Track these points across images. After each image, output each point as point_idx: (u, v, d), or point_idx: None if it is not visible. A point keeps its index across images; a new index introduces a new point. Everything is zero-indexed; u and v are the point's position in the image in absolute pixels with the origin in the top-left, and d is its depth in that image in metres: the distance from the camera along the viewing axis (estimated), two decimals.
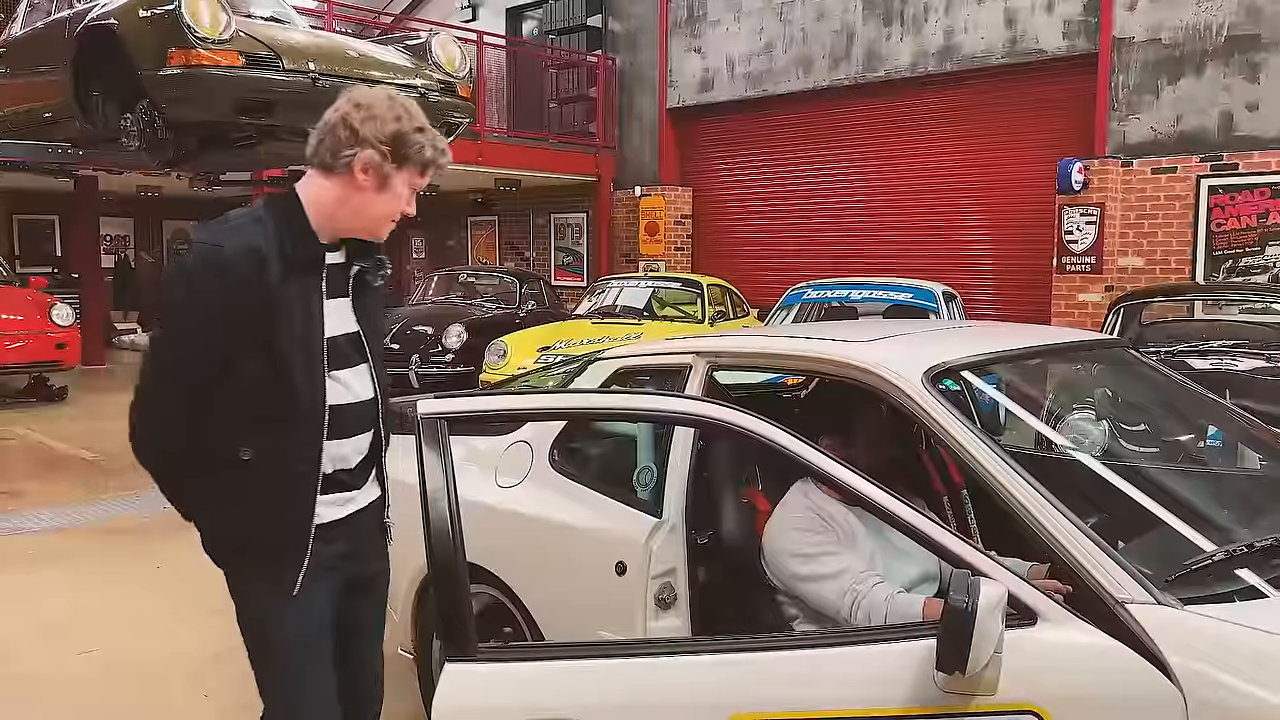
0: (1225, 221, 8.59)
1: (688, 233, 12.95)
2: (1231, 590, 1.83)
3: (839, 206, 11.56)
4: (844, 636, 1.91)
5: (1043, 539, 1.81)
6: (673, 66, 12.82)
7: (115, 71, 6.01)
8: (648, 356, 2.93)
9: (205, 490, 2.03)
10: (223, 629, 4.21)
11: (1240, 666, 1.59)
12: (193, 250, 1.95)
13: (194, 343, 1.94)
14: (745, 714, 1.68)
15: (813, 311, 8.20)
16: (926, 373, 2.15)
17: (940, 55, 10.33)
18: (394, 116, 1.97)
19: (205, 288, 1.91)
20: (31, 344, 10.11)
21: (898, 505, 1.80)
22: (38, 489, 6.87)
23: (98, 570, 5.10)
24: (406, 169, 2.00)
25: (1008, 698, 1.63)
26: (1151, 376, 2.95)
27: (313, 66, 5.95)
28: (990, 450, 1.94)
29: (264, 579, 2.01)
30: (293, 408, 1.95)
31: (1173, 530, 2.06)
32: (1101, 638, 1.68)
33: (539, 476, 2.82)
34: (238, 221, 1.99)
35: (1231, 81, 8.55)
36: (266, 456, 1.96)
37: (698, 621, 2.46)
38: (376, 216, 2.03)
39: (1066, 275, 9.18)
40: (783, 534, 2.42)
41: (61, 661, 3.93)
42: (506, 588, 2.80)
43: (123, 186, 14.27)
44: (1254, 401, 4.64)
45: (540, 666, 1.78)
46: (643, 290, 10.14)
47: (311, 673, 2.03)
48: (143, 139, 6.01)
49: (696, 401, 2.14)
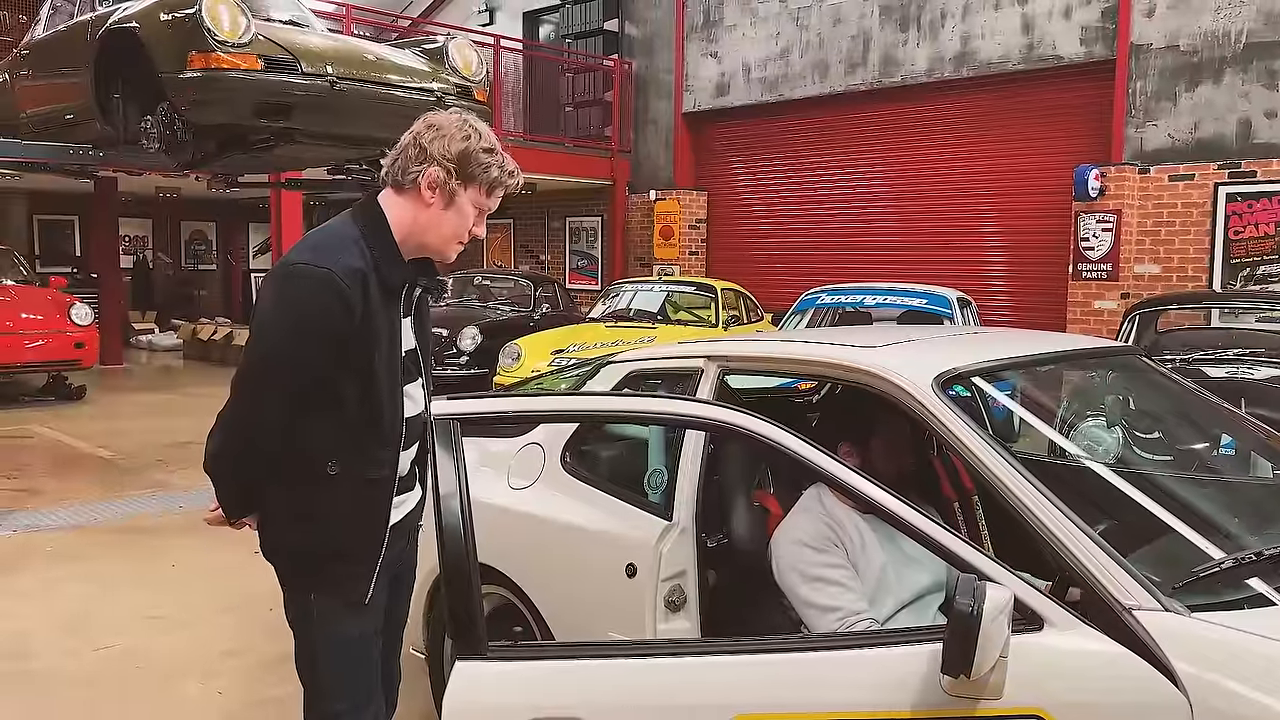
0: (1243, 229, 8.54)
1: (702, 237, 12.96)
2: (1240, 598, 1.83)
3: (854, 212, 11.55)
4: (849, 640, 1.92)
5: (1051, 545, 1.82)
6: (689, 71, 12.84)
7: (136, 74, 6.06)
8: (659, 360, 2.94)
9: (286, 502, 2.06)
10: (236, 626, 4.28)
11: (1247, 674, 1.59)
12: (298, 271, 1.95)
13: (294, 360, 1.96)
14: (749, 715, 1.69)
15: (827, 316, 8.19)
16: (937, 378, 2.15)
17: (957, 61, 10.32)
18: (463, 136, 2.02)
19: (312, 311, 1.93)
20: (50, 343, 10.21)
21: (906, 510, 1.81)
22: (56, 487, 6.94)
23: (114, 568, 5.15)
24: (473, 187, 2.04)
25: (1013, 702, 1.64)
26: (1165, 384, 2.94)
27: (330, 70, 5.99)
28: (999, 456, 1.95)
29: (335, 585, 2.06)
30: (378, 424, 2.02)
31: (1182, 538, 2.06)
32: (1108, 644, 1.69)
33: (551, 478, 2.84)
34: (337, 241, 2.00)
35: (1250, 88, 8.51)
36: (350, 470, 2.02)
37: (707, 624, 2.47)
38: (445, 236, 2.06)
39: (1082, 282, 9.15)
40: (790, 546, 2.42)
41: (78, 658, 3.97)
42: (518, 589, 2.82)
43: (141, 187, 14.41)
44: (1269, 410, 4.61)
45: (549, 666, 1.80)
46: (657, 294, 10.15)
47: (365, 666, 2.12)
48: (163, 141, 6.06)
49: (707, 405, 2.16)
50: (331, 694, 2.09)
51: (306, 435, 2.01)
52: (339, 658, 2.08)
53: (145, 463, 7.69)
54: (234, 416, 2.04)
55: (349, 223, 2.05)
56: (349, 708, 2.09)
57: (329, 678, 2.09)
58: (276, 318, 1.98)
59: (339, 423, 2.01)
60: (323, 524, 2.04)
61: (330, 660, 2.08)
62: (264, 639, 4.03)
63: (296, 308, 1.95)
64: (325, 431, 2.01)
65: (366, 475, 2.04)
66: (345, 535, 2.05)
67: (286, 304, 1.96)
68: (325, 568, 2.06)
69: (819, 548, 2.38)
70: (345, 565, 2.05)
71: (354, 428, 2.01)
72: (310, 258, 1.95)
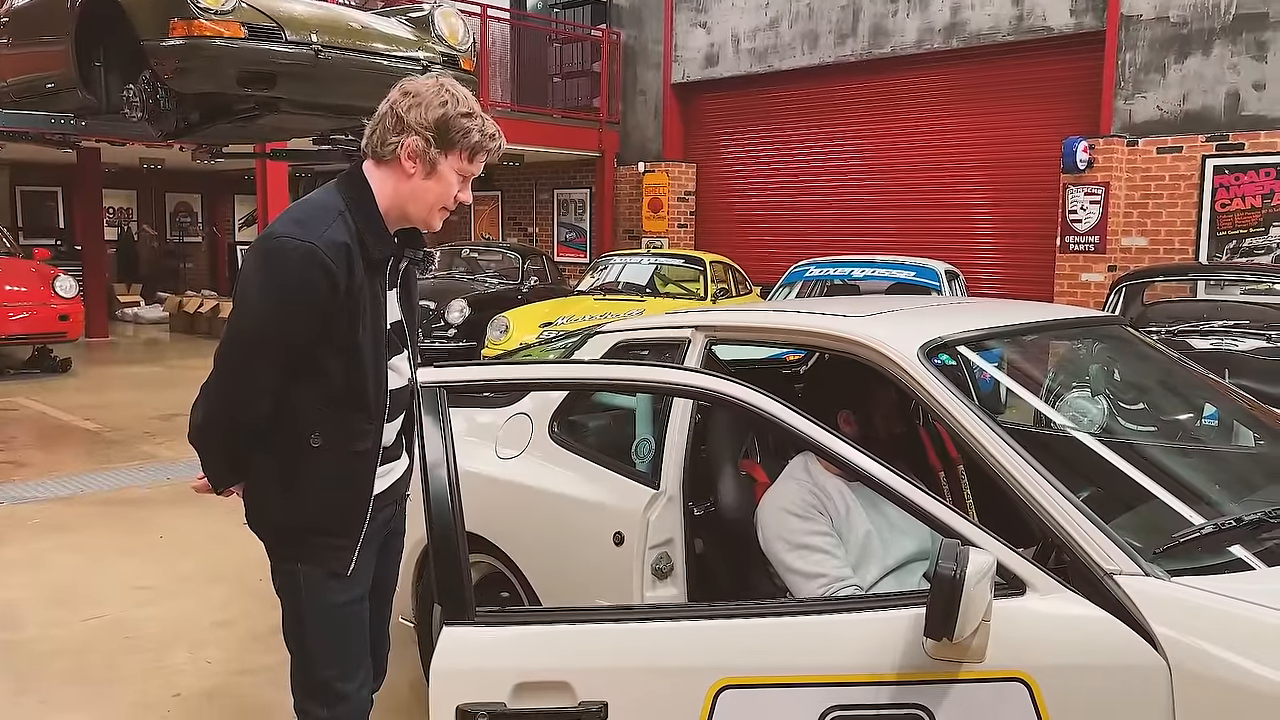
0: (1230, 202, 8.57)
1: (691, 209, 12.93)
2: (1218, 563, 1.86)
3: (843, 184, 11.53)
4: (834, 604, 1.93)
5: (1034, 510, 1.83)
6: (678, 41, 12.75)
7: (117, 42, 5.98)
8: (647, 330, 2.94)
9: (270, 474, 2.06)
10: (225, 597, 4.29)
11: (1224, 636, 1.61)
12: (281, 245, 1.92)
13: (277, 334, 1.94)
14: (732, 678, 1.71)
15: (815, 289, 8.20)
16: (923, 347, 2.16)
17: (946, 32, 10.27)
18: (440, 102, 1.98)
19: (295, 285, 1.91)
20: (35, 315, 10.15)
21: (891, 477, 1.82)
22: (42, 459, 6.92)
23: (102, 539, 5.15)
24: (454, 154, 2.00)
25: (996, 665, 1.66)
26: (1149, 355, 2.96)
27: (315, 38, 5.92)
28: (984, 423, 1.96)
29: (321, 555, 2.06)
30: (362, 397, 2.01)
31: (1163, 504, 2.08)
32: (1090, 608, 1.71)
33: (539, 448, 2.85)
34: (321, 213, 1.97)
35: (1239, 60, 8.51)
36: (335, 442, 2.01)
37: (694, 591, 2.49)
38: (429, 205, 2.03)
39: (1070, 254, 9.18)
40: (775, 513, 2.44)
41: (67, 629, 3.98)
42: (506, 557, 2.84)
43: (125, 158, 14.28)
44: (1253, 381, 4.65)
45: (536, 630, 1.81)
46: (645, 267, 10.14)
47: (352, 634, 2.13)
48: (145, 110, 5.98)
49: (695, 373, 2.16)
50: (319, 661, 2.10)
51: (290, 408, 2.00)
52: (326, 626, 2.09)
53: (132, 435, 7.67)
54: (217, 390, 2.03)
55: (333, 194, 2.02)
56: (337, 675, 2.10)
57: (316, 646, 2.10)
58: (259, 292, 1.96)
59: (322, 396, 2.00)
60: (306, 496, 2.03)
61: (317, 628, 2.09)
62: (253, 609, 4.04)
63: (279, 282, 1.92)
64: (308, 404, 2.00)
65: (350, 448, 2.03)
66: (328, 508, 2.05)
67: (269, 278, 1.94)
68: (309, 539, 2.06)
69: (804, 515, 2.39)
70: (329, 537, 2.05)
71: (337, 401, 2.00)
72: (294, 231, 1.93)
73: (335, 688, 2.10)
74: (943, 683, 1.68)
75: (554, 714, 1.71)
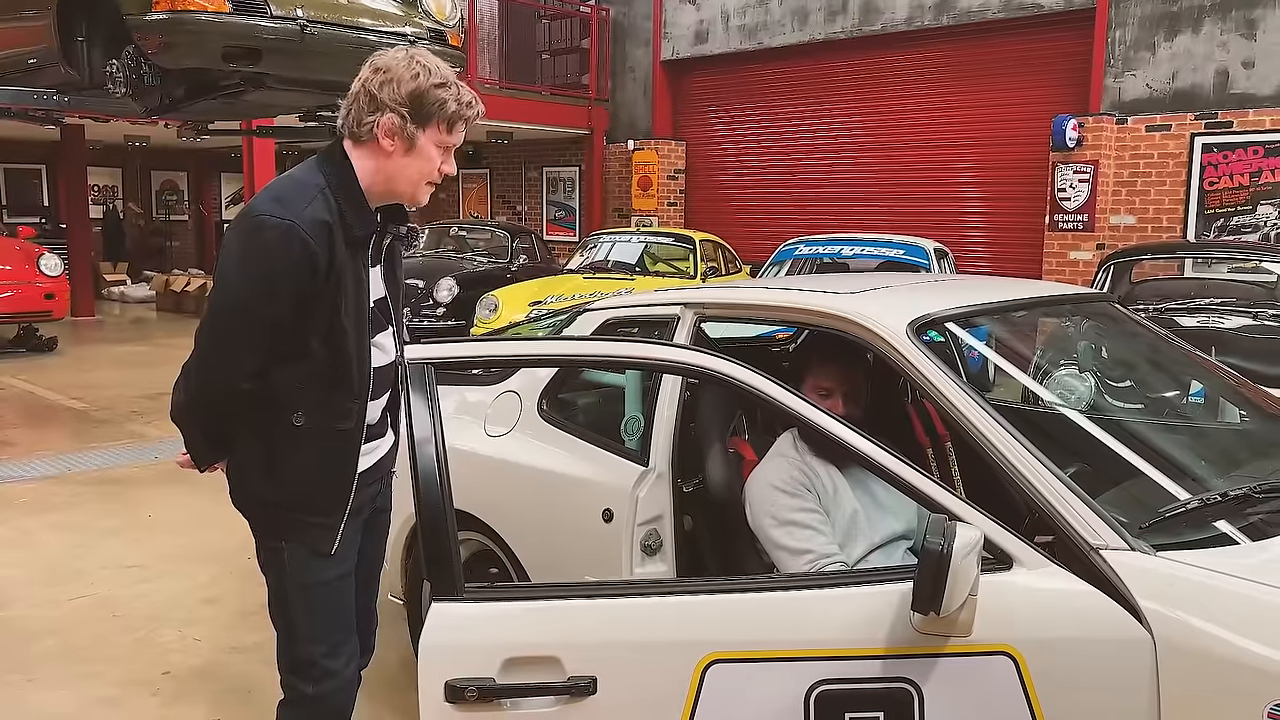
0: (1218, 180, 8.58)
1: (680, 188, 12.88)
2: (1204, 537, 1.87)
3: (833, 162, 11.50)
4: (821, 579, 1.94)
5: (1021, 486, 1.84)
6: (667, 18, 12.66)
7: (101, 17, 5.91)
8: (635, 307, 2.93)
9: (253, 453, 2.05)
10: (213, 575, 4.28)
11: (1207, 610, 1.63)
12: (262, 223, 1.90)
13: (258, 313, 1.92)
14: (720, 653, 1.71)
15: (805, 267, 8.20)
16: (911, 324, 2.16)
17: (937, 9, 10.23)
18: (411, 75, 1.94)
19: (276, 264, 1.88)
20: (20, 294, 10.06)
21: (879, 452, 1.82)
22: (29, 438, 6.89)
23: (90, 518, 5.13)
24: (431, 127, 1.97)
25: (983, 639, 1.67)
26: (1136, 332, 2.97)
27: (300, 12, 5.85)
28: (971, 399, 1.96)
29: (304, 533, 2.06)
30: (345, 375, 2.00)
31: (1149, 480, 2.10)
32: (1076, 582, 1.72)
33: (527, 426, 2.85)
34: (301, 190, 1.94)
35: (1228, 38, 8.50)
36: (317, 421, 2.00)
37: (683, 568, 2.49)
38: (412, 181, 2.01)
39: (1059, 233, 9.19)
40: (764, 490, 2.44)
41: (55, 607, 3.97)
42: (495, 535, 2.84)
43: (110, 135, 14.13)
44: (1239, 358, 4.68)
45: (525, 606, 1.81)
46: (635, 245, 10.12)
47: (338, 610, 2.12)
48: (129, 85, 5.91)
49: (684, 349, 2.15)
50: (305, 638, 2.10)
51: (272, 387, 1.98)
52: (311, 602, 2.08)
53: (120, 414, 7.63)
54: (198, 368, 2.01)
55: (314, 170, 2.00)
56: (322, 651, 2.10)
57: (302, 622, 2.09)
58: (240, 270, 1.94)
59: (305, 374, 1.98)
60: (289, 475, 2.02)
61: (302, 605, 2.09)
62: (241, 586, 4.04)
63: (260, 260, 1.90)
64: (291, 383, 1.98)
65: (333, 427, 2.02)
66: (311, 486, 2.04)
67: (250, 256, 1.92)
68: (293, 517, 2.05)
69: (792, 492, 2.40)
70: (312, 515, 2.05)
71: (320, 379, 1.99)
72: (273, 208, 1.90)
73: (321, 664, 2.10)
74: (930, 656, 1.69)
75: (543, 688, 1.72)
